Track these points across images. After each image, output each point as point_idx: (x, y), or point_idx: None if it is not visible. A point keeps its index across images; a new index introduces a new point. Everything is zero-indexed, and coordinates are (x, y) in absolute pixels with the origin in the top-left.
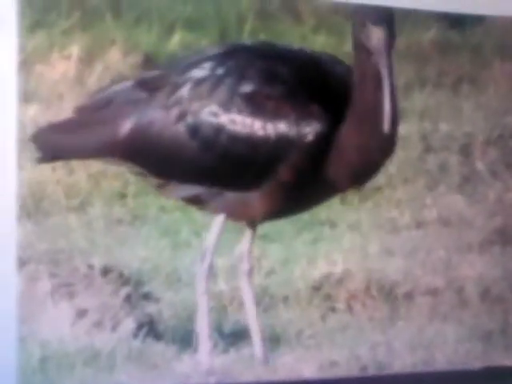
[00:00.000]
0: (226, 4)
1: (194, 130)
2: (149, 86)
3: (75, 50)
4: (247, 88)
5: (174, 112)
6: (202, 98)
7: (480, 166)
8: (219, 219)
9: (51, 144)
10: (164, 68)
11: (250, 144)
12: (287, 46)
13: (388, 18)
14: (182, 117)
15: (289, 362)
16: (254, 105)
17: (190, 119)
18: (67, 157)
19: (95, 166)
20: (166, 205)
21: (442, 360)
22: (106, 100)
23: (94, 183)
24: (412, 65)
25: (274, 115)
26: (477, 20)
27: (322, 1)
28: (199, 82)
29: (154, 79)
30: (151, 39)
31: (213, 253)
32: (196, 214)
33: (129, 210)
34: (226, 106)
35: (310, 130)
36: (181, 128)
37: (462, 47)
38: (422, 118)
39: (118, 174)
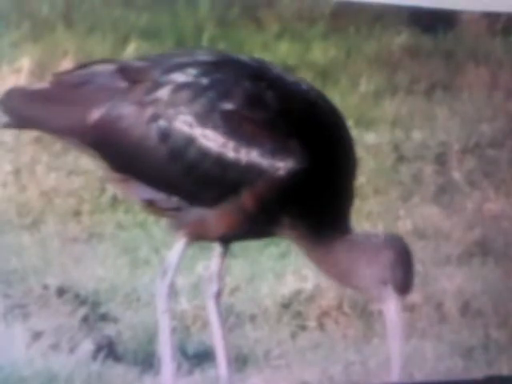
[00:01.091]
0: (182, 13)
1: (165, 135)
2: (130, 76)
3: (26, 62)
4: (228, 106)
5: (149, 111)
6: (180, 105)
7: (456, 175)
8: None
9: (20, 110)
10: (150, 61)
11: (219, 163)
12: (283, 73)
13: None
14: (155, 118)
15: None
16: (232, 124)
17: (162, 123)
18: (35, 127)
19: (47, 182)
20: (124, 221)
21: (421, 378)
22: (84, 79)
23: (47, 200)
24: (382, 71)
25: (250, 140)
26: (449, 24)
27: (285, 7)
28: (180, 88)
29: (137, 70)
30: (105, 49)
31: (175, 269)
32: (155, 230)
33: (84, 228)
34: (203, 119)
35: (283, 165)
36: (152, 129)
37: (434, 52)
38: (394, 126)
39: (72, 191)
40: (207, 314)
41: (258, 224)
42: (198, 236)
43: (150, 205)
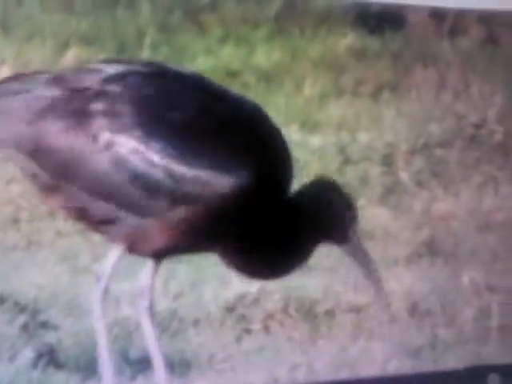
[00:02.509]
0: (123, 18)
1: (108, 145)
2: (67, 86)
3: None
4: (175, 115)
5: (91, 122)
6: (121, 115)
7: (404, 176)
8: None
9: None
10: (88, 70)
11: (164, 173)
12: (226, 89)
13: None
14: (98, 129)
15: None
16: (179, 135)
17: (106, 135)
18: None
19: None
20: (63, 229)
21: (368, 379)
22: (17, 89)
23: None
24: (328, 73)
25: (198, 151)
26: (396, 25)
27: (228, 10)
28: (121, 97)
29: (75, 79)
30: (44, 56)
31: (109, 277)
32: (95, 237)
33: (23, 236)
34: (148, 131)
35: (229, 182)
36: (94, 139)
37: (381, 54)
38: (340, 128)
39: (10, 199)
40: (142, 327)
41: (200, 238)
42: (134, 248)
43: (82, 215)
